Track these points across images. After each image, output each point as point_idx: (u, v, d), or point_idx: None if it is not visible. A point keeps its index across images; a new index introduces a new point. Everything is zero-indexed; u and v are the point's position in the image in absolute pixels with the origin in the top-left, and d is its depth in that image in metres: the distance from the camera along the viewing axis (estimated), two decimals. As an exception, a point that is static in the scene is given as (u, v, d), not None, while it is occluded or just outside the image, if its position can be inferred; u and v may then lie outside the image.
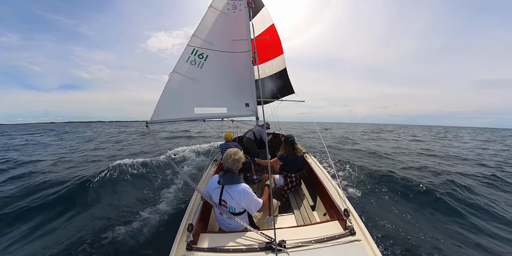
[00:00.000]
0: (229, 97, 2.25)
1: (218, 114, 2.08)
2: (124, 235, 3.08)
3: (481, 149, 14.23)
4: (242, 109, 2.35)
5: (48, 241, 3.13)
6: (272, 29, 4.43)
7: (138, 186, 5.36)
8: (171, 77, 1.79)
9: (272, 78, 5.36)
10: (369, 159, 8.91)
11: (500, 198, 4.78)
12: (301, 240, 1.53)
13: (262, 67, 5.02)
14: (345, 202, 2.02)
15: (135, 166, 6.49)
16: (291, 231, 1.72)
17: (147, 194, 4.76)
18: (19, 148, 12.84)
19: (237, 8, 2.32)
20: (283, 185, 3.07)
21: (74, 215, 3.91)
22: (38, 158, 9.12)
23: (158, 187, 5.22)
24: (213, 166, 3.47)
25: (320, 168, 3.10)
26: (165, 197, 4.42)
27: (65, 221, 3.72)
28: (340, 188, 2.33)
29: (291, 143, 2.96)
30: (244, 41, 2.36)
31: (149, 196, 4.65)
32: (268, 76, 5.32)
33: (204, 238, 1.70)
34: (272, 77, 5.35)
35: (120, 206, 4.14)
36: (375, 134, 27.97)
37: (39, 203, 4.25)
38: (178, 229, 1.75)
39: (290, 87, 5.61)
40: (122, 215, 3.76)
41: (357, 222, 1.72)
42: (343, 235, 1.58)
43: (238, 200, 1.72)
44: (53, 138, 20.78)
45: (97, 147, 12.63)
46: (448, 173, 6.55)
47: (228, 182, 1.77)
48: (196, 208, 2.05)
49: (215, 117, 2.16)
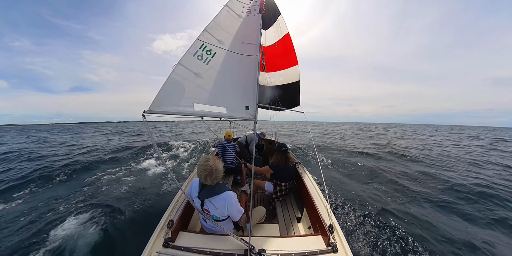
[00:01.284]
0: (230, 98, 2.24)
1: (217, 113, 2.05)
2: (100, 229, 2.97)
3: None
4: (241, 111, 2.33)
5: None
6: (287, 38, 4.32)
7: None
8: (175, 69, 1.78)
9: (279, 88, 5.16)
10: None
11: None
12: (281, 252, 1.48)
13: (271, 76, 4.94)
14: (331, 217, 1.98)
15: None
16: (273, 241, 1.65)
17: (127, 184, 4.64)
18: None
19: (252, 12, 2.37)
20: (272, 193, 3.02)
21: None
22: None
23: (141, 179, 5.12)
24: None
25: (310, 180, 3.06)
26: (148, 192, 4.32)
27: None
28: (328, 203, 2.29)
29: (284, 152, 2.95)
30: (253, 46, 2.39)
31: (129, 187, 4.54)
32: (276, 85, 5.17)
33: (183, 237, 1.65)
34: (280, 87, 5.16)
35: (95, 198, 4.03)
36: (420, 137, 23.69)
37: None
38: (157, 225, 1.70)
39: (297, 101, 5.35)
40: (99, 207, 3.65)
41: (341, 239, 1.66)
42: (325, 251, 1.53)
43: (222, 209, 1.64)
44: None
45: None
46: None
47: (209, 196, 1.64)
48: (179, 205, 1.99)
49: (214, 116, 2.13)
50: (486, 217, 4.03)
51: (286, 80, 5.15)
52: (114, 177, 5.53)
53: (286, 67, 4.92)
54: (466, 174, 6.95)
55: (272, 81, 5.12)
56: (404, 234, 3.31)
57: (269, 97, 5.36)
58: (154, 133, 22.44)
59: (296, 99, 5.44)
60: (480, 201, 4.78)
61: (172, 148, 10.28)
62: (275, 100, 5.33)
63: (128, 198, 4.13)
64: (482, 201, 4.76)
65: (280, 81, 5.19)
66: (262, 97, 5.03)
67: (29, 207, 3.80)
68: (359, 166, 7.69)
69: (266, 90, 5.26)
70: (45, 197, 4.27)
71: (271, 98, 5.38)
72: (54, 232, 2.92)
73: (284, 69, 4.94)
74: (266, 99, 5.39)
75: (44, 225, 3.12)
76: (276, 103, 5.33)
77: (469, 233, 3.46)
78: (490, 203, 4.66)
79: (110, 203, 3.82)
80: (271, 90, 5.30)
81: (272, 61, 4.76)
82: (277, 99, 5.22)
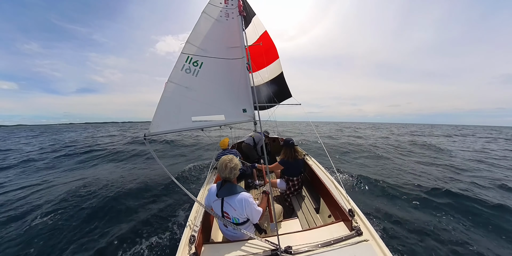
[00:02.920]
0: (226, 104, 2.24)
1: (216, 122, 2.06)
2: (122, 250, 2.97)
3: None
4: (239, 115, 2.34)
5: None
6: (266, 36, 4.51)
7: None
8: (166, 87, 1.77)
9: (269, 84, 5.36)
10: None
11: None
12: (307, 245, 1.50)
13: (259, 74, 5.01)
14: (349, 202, 2.00)
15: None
16: (297, 236, 1.69)
17: (145, 205, 4.63)
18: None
19: (230, 16, 2.34)
20: (285, 190, 3.04)
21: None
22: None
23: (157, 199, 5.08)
24: (212, 174, 3.42)
25: (321, 170, 3.08)
26: (166, 210, 4.31)
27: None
28: (343, 188, 2.30)
29: (292, 146, 2.95)
30: (238, 48, 2.38)
31: (146, 209, 4.52)
32: (265, 82, 5.32)
33: (207, 250, 1.65)
34: (269, 83, 5.36)
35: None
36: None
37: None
38: (179, 242, 1.70)
39: (287, 91, 5.59)
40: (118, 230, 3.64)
41: (363, 222, 1.69)
42: (350, 236, 1.55)
43: (240, 210, 1.67)
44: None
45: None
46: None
47: (227, 194, 1.70)
48: (197, 219, 2.00)
49: (213, 125, 2.14)
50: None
51: (271, 75, 5.30)
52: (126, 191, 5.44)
53: (269, 63, 5.04)
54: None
55: (259, 79, 5.21)
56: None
57: (262, 95, 5.47)
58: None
59: (286, 90, 5.59)
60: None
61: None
62: (269, 97, 5.43)
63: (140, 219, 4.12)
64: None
65: (266, 78, 5.30)
66: (255, 97, 5.16)
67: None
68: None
69: (258, 89, 5.36)
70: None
71: (264, 96, 5.49)
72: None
73: (268, 65, 5.06)
74: (260, 97, 5.48)
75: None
76: (270, 100, 5.42)
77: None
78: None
79: (128, 223, 3.81)
80: (262, 88, 5.41)
81: (257, 60, 4.84)
82: (270, 95, 5.32)
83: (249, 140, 5.10)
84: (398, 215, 3.72)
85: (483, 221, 3.55)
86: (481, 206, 4.05)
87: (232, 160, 1.76)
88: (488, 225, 3.43)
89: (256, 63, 4.86)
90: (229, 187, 1.71)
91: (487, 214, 3.77)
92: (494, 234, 3.17)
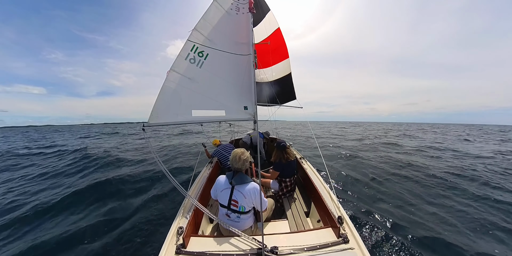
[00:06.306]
0: (228, 100, 2.20)
1: (216, 117, 2.02)
2: (111, 238, 2.97)
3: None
4: (240, 112, 2.30)
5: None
6: (278, 33, 4.32)
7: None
8: (168, 76, 1.72)
9: (274, 83, 5.15)
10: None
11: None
12: (293, 247, 1.50)
13: (265, 72, 4.87)
14: (339, 209, 2.00)
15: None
16: (284, 238, 1.69)
17: (135, 196, 4.60)
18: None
19: (240, 10, 2.28)
20: (278, 190, 3.04)
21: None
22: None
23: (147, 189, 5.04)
24: (208, 168, 3.40)
25: (315, 174, 3.08)
26: (155, 201, 4.29)
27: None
28: (334, 195, 2.31)
29: (283, 148, 2.96)
30: (245, 44, 2.33)
31: (137, 198, 4.50)
32: (270, 81, 5.11)
33: (194, 242, 1.66)
34: (275, 82, 5.15)
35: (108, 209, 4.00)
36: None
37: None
38: (167, 233, 1.70)
39: (292, 94, 5.37)
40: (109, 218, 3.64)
41: (351, 230, 1.69)
42: (336, 243, 1.55)
43: (249, 199, 1.80)
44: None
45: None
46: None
47: (240, 182, 1.85)
48: (187, 211, 2.00)
49: (213, 121, 2.10)
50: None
51: (278, 75, 5.13)
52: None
53: (278, 61, 4.88)
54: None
55: (265, 77, 5.05)
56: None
57: (265, 94, 5.29)
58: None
59: (291, 92, 5.41)
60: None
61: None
62: (272, 97, 5.27)
63: (132, 207, 4.11)
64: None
65: (273, 76, 5.14)
66: (258, 95, 4.97)
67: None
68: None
69: (261, 87, 5.19)
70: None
71: (267, 95, 5.32)
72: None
73: (276, 64, 4.91)
74: (263, 96, 5.30)
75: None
76: (273, 99, 5.27)
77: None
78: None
79: (114, 211, 3.81)
80: (266, 86, 5.24)
81: (264, 57, 4.69)
82: (274, 95, 5.16)
83: (247, 139, 5.03)
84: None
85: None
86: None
87: (244, 153, 1.97)
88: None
89: (265, 60, 4.70)
90: (241, 176, 1.88)
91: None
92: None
